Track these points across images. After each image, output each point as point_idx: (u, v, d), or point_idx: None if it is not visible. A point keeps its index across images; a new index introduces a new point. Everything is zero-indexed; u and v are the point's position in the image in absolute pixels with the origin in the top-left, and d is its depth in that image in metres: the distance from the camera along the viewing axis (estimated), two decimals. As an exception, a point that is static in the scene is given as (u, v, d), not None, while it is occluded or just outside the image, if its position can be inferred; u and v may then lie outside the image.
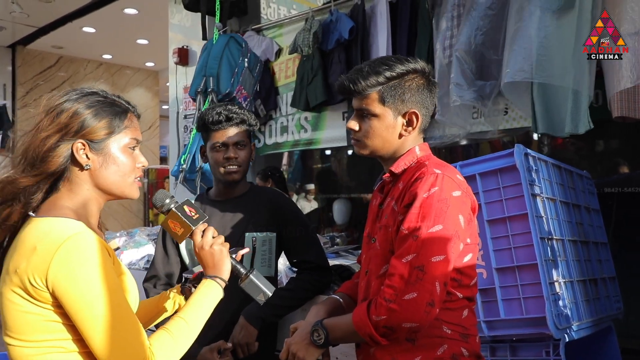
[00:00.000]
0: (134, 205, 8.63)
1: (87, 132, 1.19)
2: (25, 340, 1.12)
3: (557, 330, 1.62)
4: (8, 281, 1.11)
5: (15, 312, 1.11)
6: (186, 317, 1.24)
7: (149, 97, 8.98)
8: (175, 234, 1.37)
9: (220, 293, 1.33)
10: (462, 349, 1.34)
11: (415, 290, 1.24)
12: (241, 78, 3.40)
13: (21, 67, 7.60)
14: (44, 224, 1.12)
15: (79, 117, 1.18)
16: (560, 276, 1.74)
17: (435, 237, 1.26)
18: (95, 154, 1.20)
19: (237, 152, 1.91)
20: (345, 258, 2.50)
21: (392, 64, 1.40)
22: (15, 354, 1.14)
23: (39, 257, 1.07)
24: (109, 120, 1.22)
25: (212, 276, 1.34)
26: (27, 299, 1.09)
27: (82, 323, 1.09)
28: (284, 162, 5.21)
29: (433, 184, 1.30)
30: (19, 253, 1.11)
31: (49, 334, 1.11)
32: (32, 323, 1.10)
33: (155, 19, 5.78)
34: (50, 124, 1.18)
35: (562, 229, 1.85)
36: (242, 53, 3.43)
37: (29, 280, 1.07)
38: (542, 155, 1.88)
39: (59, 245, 1.07)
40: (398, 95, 1.39)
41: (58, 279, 1.06)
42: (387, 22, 2.98)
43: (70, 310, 1.08)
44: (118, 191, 1.25)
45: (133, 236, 3.25)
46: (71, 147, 1.18)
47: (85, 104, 1.20)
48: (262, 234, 1.95)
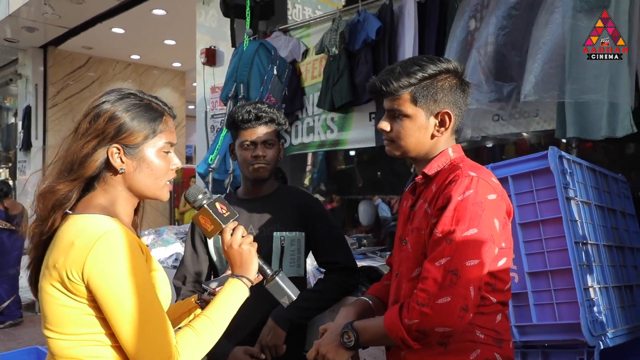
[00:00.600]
0: (160, 204, 8.73)
1: (123, 137, 1.21)
2: (63, 333, 1.15)
3: (591, 337, 1.59)
4: (47, 275, 1.15)
5: (54, 306, 1.15)
6: (212, 316, 1.26)
7: (176, 97, 9.09)
8: (206, 230, 1.38)
9: (246, 292, 1.33)
10: (496, 354, 1.32)
11: (448, 295, 1.22)
12: (270, 85, 3.42)
13: (52, 67, 7.76)
14: (81, 221, 1.16)
15: (116, 121, 1.20)
16: (595, 282, 1.70)
17: (469, 241, 1.24)
18: (130, 158, 1.22)
19: (265, 151, 1.92)
20: (372, 259, 2.49)
21: (425, 64, 1.39)
22: (54, 347, 1.17)
23: (77, 252, 1.10)
24: (145, 125, 1.23)
25: (238, 275, 1.34)
26: (64, 293, 1.13)
27: (112, 318, 1.12)
28: (308, 162, 5.21)
29: (468, 187, 1.28)
30: (58, 249, 1.14)
31: (85, 327, 1.14)
32: (69, 316, 1.14)
33: (183, 20, 5.84)
34: (88, 128, 1.20)
35: (596, 234, 1.81)
36: (271, 60, 3.45)
37: (66, 274, 1.11)
38: (576, 157, 1.84)
39: (95, 241, 1.10)
40: (430, 95, 1.37)
41: (92, 273, 1.10)
42: (415, 23, 2.95)
43: (103, 304, 1.12)
44: (149, 193, 1.27)
45: (161, 234, 3.29)
46: (106, 151, 1.20)
47: (122, 107, 1.22)
48: (290, 233, 1.95)
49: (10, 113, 9.30)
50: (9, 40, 7.15)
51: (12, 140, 8.36)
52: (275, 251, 1.92)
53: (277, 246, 1.92)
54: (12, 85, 8.60)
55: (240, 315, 1.38)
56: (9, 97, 9.18)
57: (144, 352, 1.12)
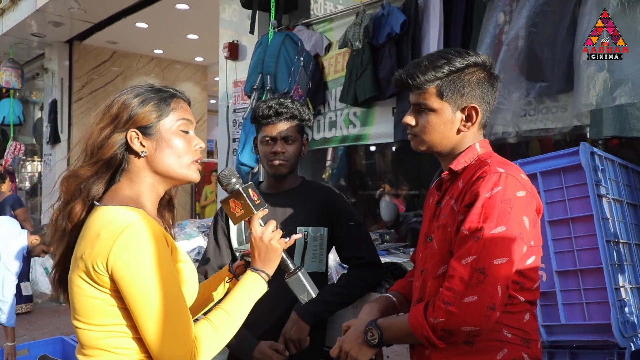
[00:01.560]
0: (182, 198, 8.81)
1: (136, 120, 1.23)
2: (91, 324, 1.17)
3: (623, 339, 1.54)
4: (76, 267, 1.16)
5: (82, 297, 1.16)
6: (229, 310, 1.25)
7: (198, 91, 9.14)
8: (233, 215, 1.36)
9: (265, 287, 1.33)
10: (524, 354, 1.29)
11: (475, 294, 1.19)
12: (298, 77, 3.41)
13: (77, 62, 7.86)
14: (107, 212, 1.17)
15: (128, 106, 1.24)
16: (626, 282, 1.65)
17: (497, 239, 1.21)
18: (149, 140, 1.24)
19: (284, 147, 1.92)
20: (395, 255, 2.47)
21: (452, 58, 1.35)
22: (83, 337, 1.19)
23: (102, 243, 1.12)
24: (155, 104, 1.25)
25: (257, 270, 1.33)
26: (91, 284, 1.14)
27: (135, 310, 1.12)
28: (328, 157, 5.19)
29: (496, 184, 1.24)
30: (85, 240, 1.16)
31: (110, 318, 1.15)
32: (96, 307, 1.15)
33: (206, 14, 5.85)
34: (103, 116, 1.24)
35: (628, 232, 1.76)
36: (297, 52, 3.43)
37: (92, 265, 1.12)
38: (608, 154, 1.78)
39: (120, 232, 1.11)
40: (457, 89, 1.34)
41: (117, 264, 1.11)
42: (440, 17, 2.90)
43: (126, 295, 1.12)
44: (176, 174, 1.27)
45: (183, 228, 3.31)
46: (125, 136, 1.23)
47: (132, 94, 1.26)
48: (314, 228, 1.94)
49: (37, 107, 9.46)
50: (36, 35, 7.26)
51: (39, 134, 8.50)
52: (298, 246, 1.91)
53: (300, 241, 1.91)
54: (39, 79, 8.74)
55: (262, 307, 1.38)
56: (35, 91, 9.34)
57: (164, 347, 1.12)
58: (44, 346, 3.60)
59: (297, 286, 1.38)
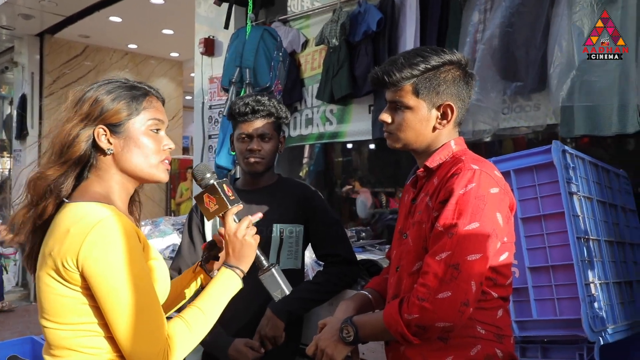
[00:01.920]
0: (156, 195, 8.70)
1: (106, 117, 1.21)
2: (59, 323, 1.14)
3: (592, 333, 1.57)
4: (44, 264, 1.14)
5: (51, 295, 1.13)
6: (203, 308, 1.24)
7: (173, 87, 9.03)
8: (207, 210, 1.34)
9: (240, 284, 1.31)
10: (497, 350, 1.31)
11: (449, 289, 1.20)
12: (278, 72, 3.39)
13: (49, 56, 7.68)
14: (77, 209, 1.14)
15: (99, 103, 1.21)
16: (596, 277, 1.69)
17: (471, 235, 1.22)
18: (117, 138, 1.22)
19: (260, 144, 1.91)
20: (371, 252, 2.48)
21: (428, 55, 1.36)
22: (51, 336, 1.16)
23: (72, 239, 1.09)
24: (127, 102, 1.22)
25: (233, 266, 1.31)
26: (60, 282, 1.12)
27: (106, 308, 1.10)
28: (305, 155, 5.18)
29: (470, 180, 1.26)
30: (54, 237, 1.13)
31: (80, 317, 1.13)
32: (65, 306, 1.13)
33: (181, 9, 5.77)
34: (74, 114, 1.21)
35: (598, 229, 1.79)
36: (276, 47, 3.41)
37: (61, 262, 1.10)
38: (579, 152, 1.82)
39: (91, 228, 1.09)
40: (433, 87, 1.35)
41: (87, 261, 1.08)
42: (417, 15, 2.92)
43: (97, 293, 1.10)
44: (143, 174, 1.25)
45: (158, 225, 3.27)
46: (92, 133, 1.20)
47: (105, 90, 1.23)
48: (289, 225, 1.93)
49: (6, 102, 9.22)
50: (5, 27, 7.07)
51: (9, 129, 8.29)
52: (274, 243, 1.91)
53: (275, 238, 1.91)
54: (9, 73, 8.52)
55: (237, 304, 1.37)
56: (5, 86, 9.10)
57: (136, 345, 1.10)
58: (13, 346, 3.52)
59: (270, 283, 1.37)
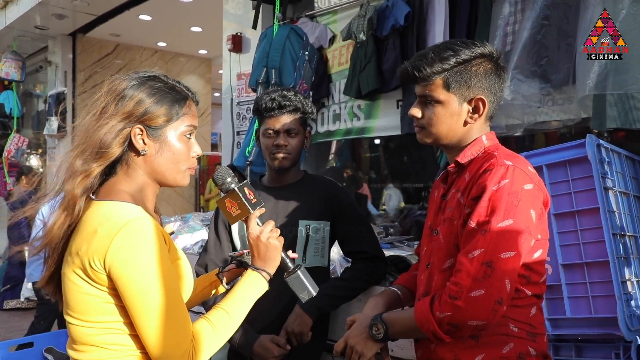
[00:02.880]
0: (186, 191, 8.82)
1: (147, 118, 1.20)
2: (84, 320, 1.15)
3: (629, 332, 1.53)
4: (70, 262, 1.15)
5: (76, 293, 1.15)
6: (228, 309, 1.24)
7: (201, 84, 9.12)
8: (230, 215, 1.34)
9: (265, 286, 1.31)
10: (530, 348, 1.28)
11: (482, 288, 1.18)
12: (303, 72, 3.38)
13: (81, 55, 7.83)
14: (105, 208, 1.15)
15: (143, 104, 1.19)
16: (633, 275, 1.64)
17: (505, 232, 1.20)
18: (152, 140, 1.21)
19: (287, 140, 1.91)
20: (399, 249, 2.46)
21: (458, 49, 1.34)
22: (75, 333, 1.18)
23: (99, 240, 1.10)
24: (168, 107, 1.22)
25: (258, 269, 1.31)
26: (86, 281, 1.13)
27: (133, 309, 1.11)
28: (332, 150, 5.18)
29: (503, 176, 1.23)
30: (81, 236, 1.14)
31: (106, 316, 1.14)
32: (90, 304, 1.14)
33: (209, 7, 5.82)
34: (115, 110, 1.19)
35: (635, 225, 1.75)
36: (302, 46, 3.40)
37: (88, 262, 1.10)
38: (614, 146, 1.77)
39: (119, 229, 1.09)
40: (464, 80, 1.33)
41: (115, 262, 1.09)
42: (445, 8, 2.88)
43: (123, 294, 1.11)
44: (169, 178, 1.25)
45: (187, 221, 3.31)
46: (129, 131, 1.19)
47: (148, 90, 1.21)
48: (316, 222, 1.93)
49: (40, 100, 9.46)
50: (39, 27, 7.24)
51: (42, 127, 8.50)
52: (300, 240, 1.91)
53: (302, 235, 1.90)
54: (42, 72, 8.73)
55: (264, 302, 1.37)
56: (39, 84, 9.32)
57: (162, 346, 1.11)
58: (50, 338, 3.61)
59: (297, 285, 1.37)
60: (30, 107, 9.26)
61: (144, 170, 1.23)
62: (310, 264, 1.91)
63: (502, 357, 1.27)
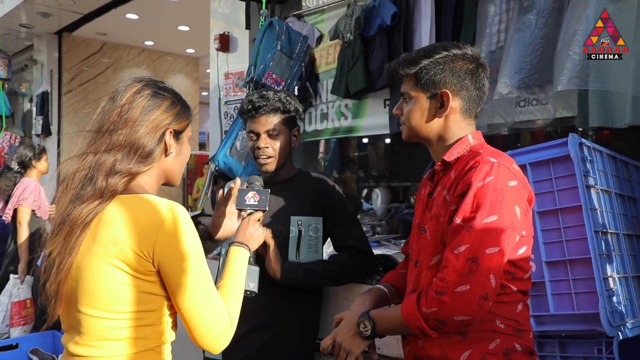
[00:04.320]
0: (174, 190, 8.76)
1: (177, 122, 1.30)
2: (111, 311, 1.17)
3: (611, 328, 1.56)
4: (102, 253, 1.16)
5: (109, 284, 1.16)
6: (231, 281, 1.35)
7: (189, 83, 9.08)
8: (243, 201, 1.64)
9: (248, 254, 1.46)
10: (516, 344, 1.30)
11: (468, 283, 1.20)
12: (272, 63, 3.38)
13: (67, 54, 7.76)
14: (140, 200, 1.20)
15: (175, 108, 1.30)
16: (614, 271, 1.67)
17: (490, 228, 1.22)
18: (176, 143, 1.32)
19: (267, 142, 1.90)
20: (386, 247, 2.48)
21: (432, 50, 1.41)
22: (94, 327, 1.18)
23: (145, 228, 1.15)
24: (188, 113, 1.34)
25: (242, 243, 1.46)
26: (123, 270, 1.16)
27: (182, 290, 1.17)
28: (321, 150, 5.18)
29: (488, 173, 1.26)
30: (114, 227, 1.16)
31: (135, 305, 1.18)
32: (123, 293, 1.17)
33: (197, 6, 5.80)
34: (149, 115, 1.25)
35: (616, 223, 1.77)
36: (275, 37, 3.40)
37: (133, 250, 1.14)
38: (597, 145, 1.79)
39: (163, 217, 1.16)
40: (430, 77, 1.38)
41: (165, 248, 1.15)
42: (432, 8, 2.90)
43: (172, 278, 1.17)
44: (176, 178, 1.36)
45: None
46: (164, 135, 1.28)
47: (173, 95, 1.32)
48: (308, 218, 1.93)
49: (25, 99, 9.36)
50: (24, 25, 7.17)
51: (28, 126, 8.41)
52: (293, 236, 1.91)
53: (294, 230, 1.91)
54: (27, 71, 8.64)
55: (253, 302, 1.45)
56: (24, 83, 9.23)
57: (212, 322, 1.19)
58: (35, 340, 3.59)
59: (250, 275, 1.50)
60: (16, 106, 9.15)
61: (161, 170, 1.31)
62: (304, 259, 1.92)
63: (489, 353, 1.29)
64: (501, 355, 1.28)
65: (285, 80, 3.44)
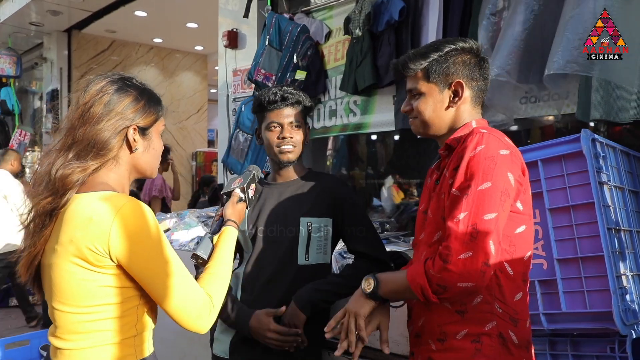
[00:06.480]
0: (182, 188, 8.79)
1: (140, 119, 1.31)
2: (75, 306, 1.21)
3: (624, 326, 1.53)
4: (62, 252, 1.20)
5: (70, 280, 1.20)
6: (216, 262, 1.39)
7: (198, 80, 9.10)
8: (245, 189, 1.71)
9: (236, 231, 1.53)
10: (510, 332, 1.33)
11: (470, 250, 1.22)
12: (261, 59, 3.38)
13: (76, 51, 7.81)
14: (93, 198, 1.22)
15: (137, 104, 1.30)
16: (627, 269, 1.64)
17: (485, 194, 1.25)
18: (143, 139, 1.33)
19: (291, 132, 1.91)
20: (395, 244, 2.46)
21: (440, 44, 1.45)
22: (63, 321, 1.23)
23: (98, 226, 1.17)
24: (155, 108, 1.35)
25: (227, 220, 1.54)
26: (83, 267, 1.19)
27: (149, 279, 1.20)
28: (329, 146, 5.17)
29: (479, 142, 1.29)
30: (72, 225, 1.19)
31: (97, 299, 1.21)
32: (84, 289, 1.20)
33: (205, 3, 5.80)
34: (109, 112, 1.27)
35: (630, 220, 1.74)
36: (266, 31, 3.41)
37: (88, 248, 1.17)
38: (609, 141, 1.77)
39: (116, 212, 1.17)
40: (442, 70, 1.41)
41: (120, 243, 1.16)
42: (439, 3, 2.88)
43: (136, 268, 1.19)
44: (149, 172, 1.39)
45: (183, 218, 3.31)
46: (125, 132, 1.29)
47: (138, 91, 1.32)
48: (318, 219, 1.91)
49: (36, 97, 9.43)
50: (34, 23, 7.21)
51: (39, 124, 8.47)
52: (302, 237, 1.89)
53: (303, 231, 1.89)
54: (37, 69, 8.69)
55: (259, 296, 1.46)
56: (34, 81, 9.29)
57: (187, 305, 1.22)
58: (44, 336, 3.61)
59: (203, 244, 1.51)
60: (26, 104, 9.22)
61: (129, 165, 1.33)
62: (313, 261, 1.90)
63: (484, 334, 1.31)
64: (496, 336, 1.31)
65: (275, 74, 3.43)
